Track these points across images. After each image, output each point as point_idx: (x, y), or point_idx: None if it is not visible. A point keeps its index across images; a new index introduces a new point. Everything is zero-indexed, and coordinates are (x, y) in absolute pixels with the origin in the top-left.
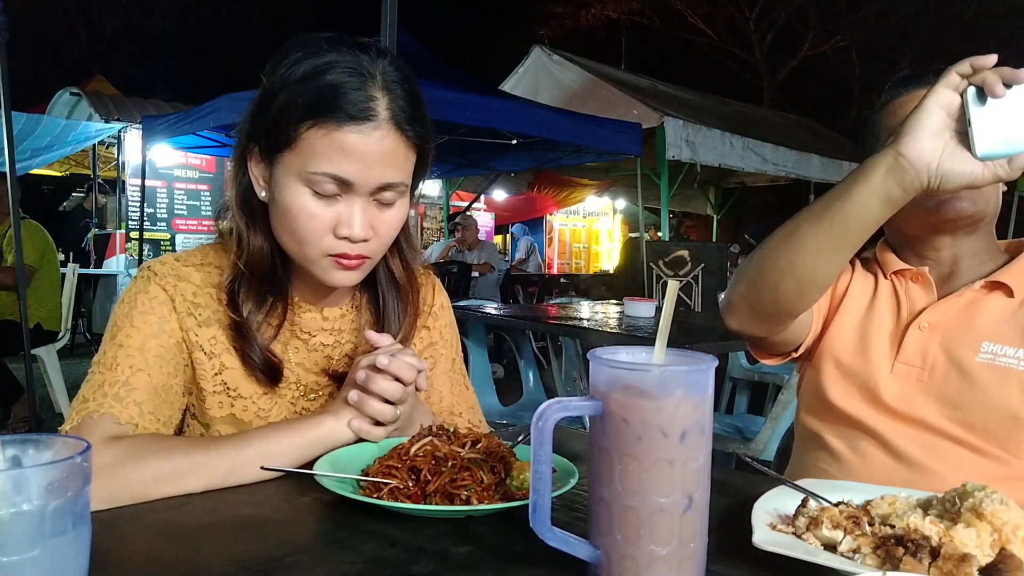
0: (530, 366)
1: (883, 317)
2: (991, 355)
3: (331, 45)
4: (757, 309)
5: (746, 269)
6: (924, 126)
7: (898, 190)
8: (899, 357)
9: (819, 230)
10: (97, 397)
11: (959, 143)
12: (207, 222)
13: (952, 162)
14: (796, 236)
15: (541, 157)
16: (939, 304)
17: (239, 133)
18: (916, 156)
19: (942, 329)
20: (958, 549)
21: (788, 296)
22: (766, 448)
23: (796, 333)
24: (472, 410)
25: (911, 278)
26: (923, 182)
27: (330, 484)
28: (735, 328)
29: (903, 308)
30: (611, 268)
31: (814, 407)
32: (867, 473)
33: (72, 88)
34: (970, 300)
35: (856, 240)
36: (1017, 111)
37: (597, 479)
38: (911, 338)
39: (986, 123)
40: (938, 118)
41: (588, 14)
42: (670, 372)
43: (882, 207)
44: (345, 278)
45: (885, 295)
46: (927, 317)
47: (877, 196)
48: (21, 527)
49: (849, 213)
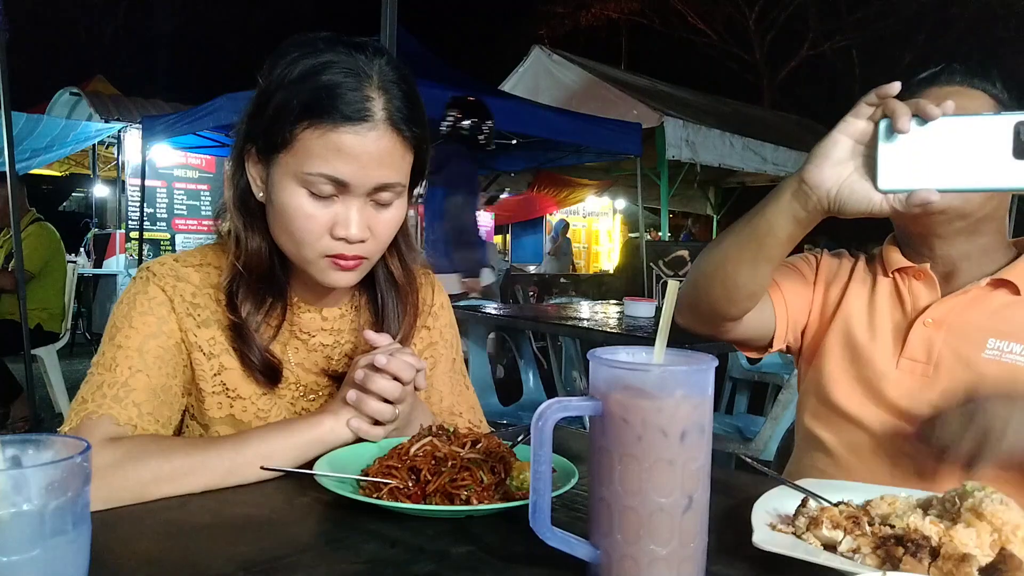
0: (530, 366)
1: (885, 314)
2: (997, 352)
3: (328, 45)
4: (694, 310)
5: (690, 272)
6: (827, 155)
7: (802, 211)
8: (904, 353)
9: (740, 242)
10: (96, 398)
11: (865, 172)
12: (207, 222)
13: (851, 191)
14: (722, 246)
15: (541, 157)
16: (944, 301)
17: (237, 134)
18: (816, 184)
19: (947, 325)
20: (958, 549)
21: (718, 300)
22: (766, 448)
23: (753, 331)
24: (472, 410)
25: (914, 275)
26: (824, 207)
27: (330, 484)
28: (683, 325)
29: (907, 305)
30: (611, 268)
31: (815, 407)
32: (867, 474)
33: (72, 88)
34: (975, 297)
35: (772, 254)
36: (924, 148)
37: (597, 479)
38: (916, 334)
39: (892, 157)
40: (843, 147)
41: (588, 14)
42: (670, 372)
43: (791, 225)
44: (342, 279)
45: (885, 293)
46: (931, 314)
47: (785, 216)
48: (21, 527)
49: (763, 229)
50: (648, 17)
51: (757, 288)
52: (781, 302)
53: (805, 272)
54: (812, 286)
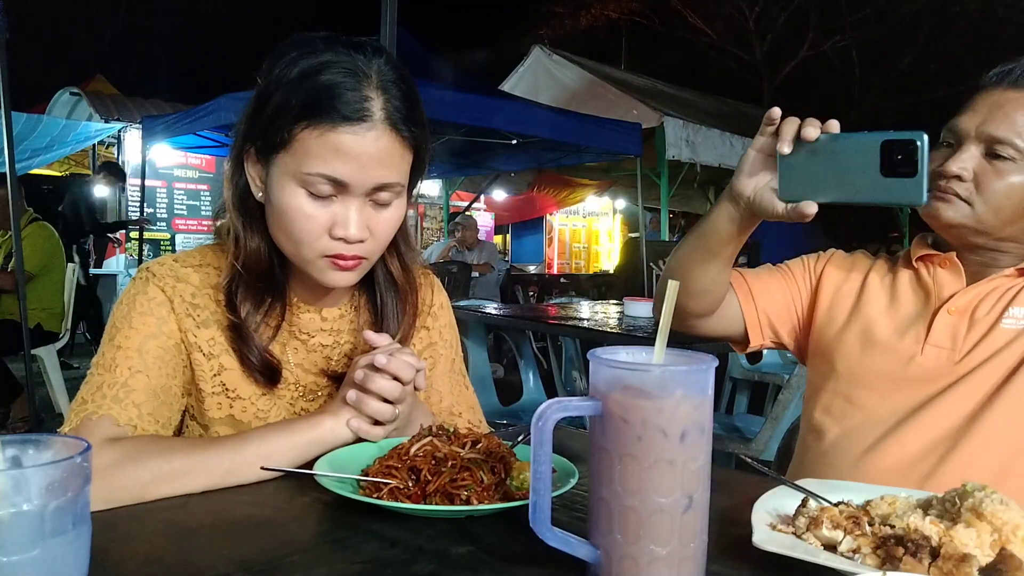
0: (530, 366)
1: (908, 303)
2: (1013, 320)
3: (326, 45)
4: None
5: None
6: (742, 168)
7: (736, 213)
8: (928, 340)
9: (694, 240)
10: (96, 399)
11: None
12: (207, 222)
13: (762, 199)
14: (682, 245)
15: (541, 157)
16: (967, 290)
17: (236, 134)
18: (739, 191)
19: (970, 313)
20: (958, 549)
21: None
22: (766, 448)
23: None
24: (472, 410)
25: (939, 264)
26: (750, 210)
27: (330, 484)
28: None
29: (931, 293)
30: (611, 268)
31: (828, 401)
32: (871, 474)
33: (72, 88)
34: (997, 286)
35: (718, 251)
36: (813, 163)
37: (597, 479)
38: (940, 322)
39: (787, 171)
40: (754, 161)
41: (588, 14)
42: (670, 372)
43: (730, 225)
44: (341, 279)
45: (907, 283)
46: (955, 303)
47: (723, 217)
48: (21, 527)
49: (709, 230)
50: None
51: (710, 284)
52: (749, 300)
53: (796, 272)
54: (807, 283)
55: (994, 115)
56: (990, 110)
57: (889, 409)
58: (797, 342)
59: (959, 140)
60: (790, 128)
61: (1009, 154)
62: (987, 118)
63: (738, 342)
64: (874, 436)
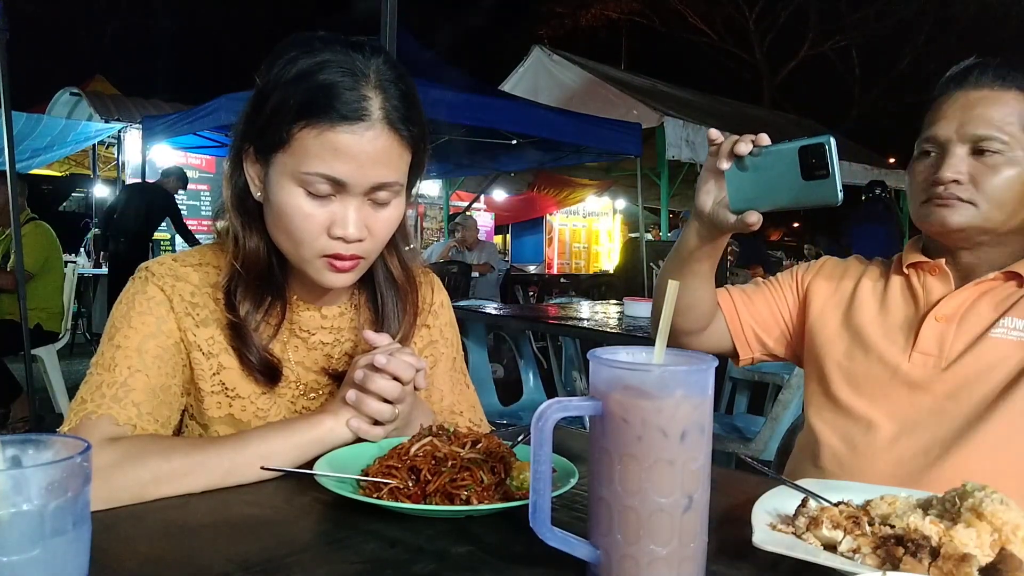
0: (530, 366)
1: (898, 309)
2: (1004, 330)
3: (325, 44)
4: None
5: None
6: (699, 186)
7: (703, 229)
8: (916, 347)
9: (673, 259)
10: (95, 398)
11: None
12: (207, 222)
13: (717, 213)
14: (665, 265)
15: (541, 157)
16: (955, 295)
17: (235, 133)
18: (700, 208)
19: (957, 319)
20: (958, 549)
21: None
22: (766, 448)
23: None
24: (473, 409)
25: (928, 270)
26: (713, 226)
27: (330, 484)
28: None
29: (920, 300)
30: (611, 268)
31: (820, 404)
32: (871, 474)
33: (72, 88)
34: (985, 290)
35: (693, 267)
36: (752, 175)
37: (597, 479)
38: (927, 328)
39: (734, 184)
40: (707, 179)
41: (588, 14)
42: (670, 372)
43: (699, 241)
44: (339, 279)
45: (897, 289)
46: (942, 309)
47: (693, 234)
48: (21, 527)
49: (682, 247)
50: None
51: (693, 300)
52: (734, 315)
53: (783, 283)
54: (794, 292)
55: (969, 116)
56: (963, 112)
57: (880, 414)
58: (791, 349)
59: (942, 148)
60: (726, 145)
61: (995, 148)
62: (963, 120)
63: (730, 356)
64: (865, 442)
